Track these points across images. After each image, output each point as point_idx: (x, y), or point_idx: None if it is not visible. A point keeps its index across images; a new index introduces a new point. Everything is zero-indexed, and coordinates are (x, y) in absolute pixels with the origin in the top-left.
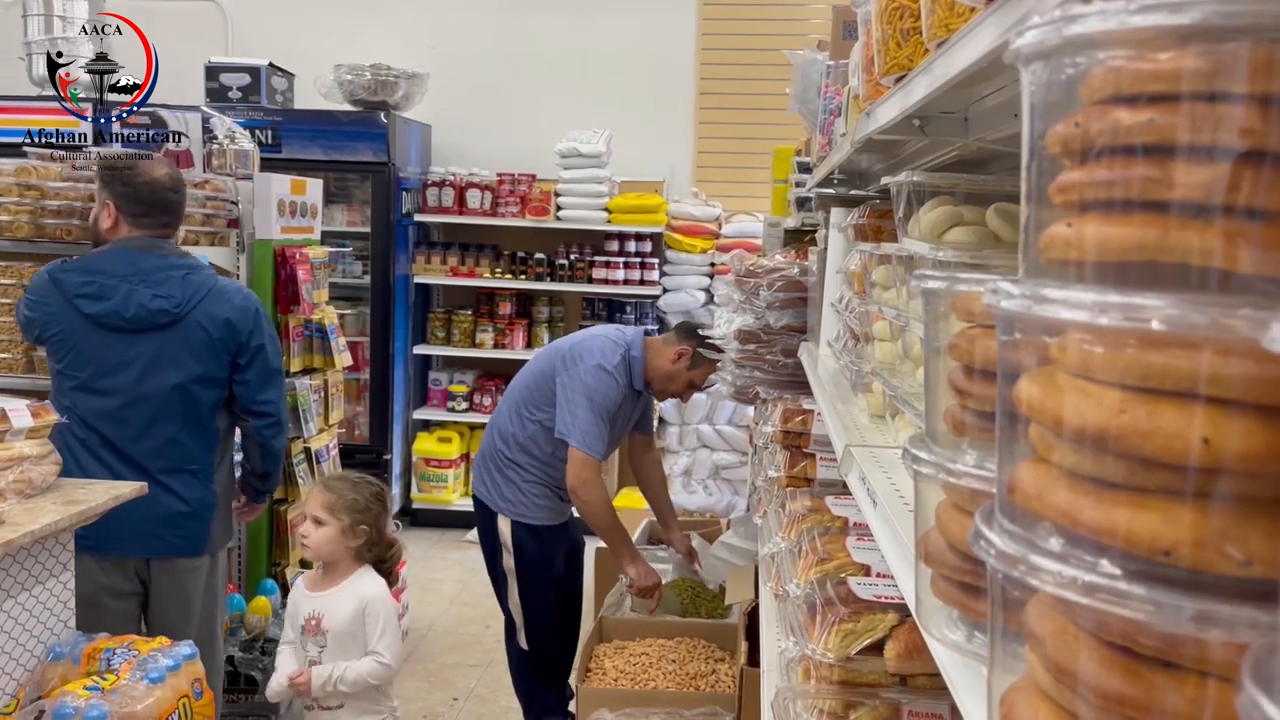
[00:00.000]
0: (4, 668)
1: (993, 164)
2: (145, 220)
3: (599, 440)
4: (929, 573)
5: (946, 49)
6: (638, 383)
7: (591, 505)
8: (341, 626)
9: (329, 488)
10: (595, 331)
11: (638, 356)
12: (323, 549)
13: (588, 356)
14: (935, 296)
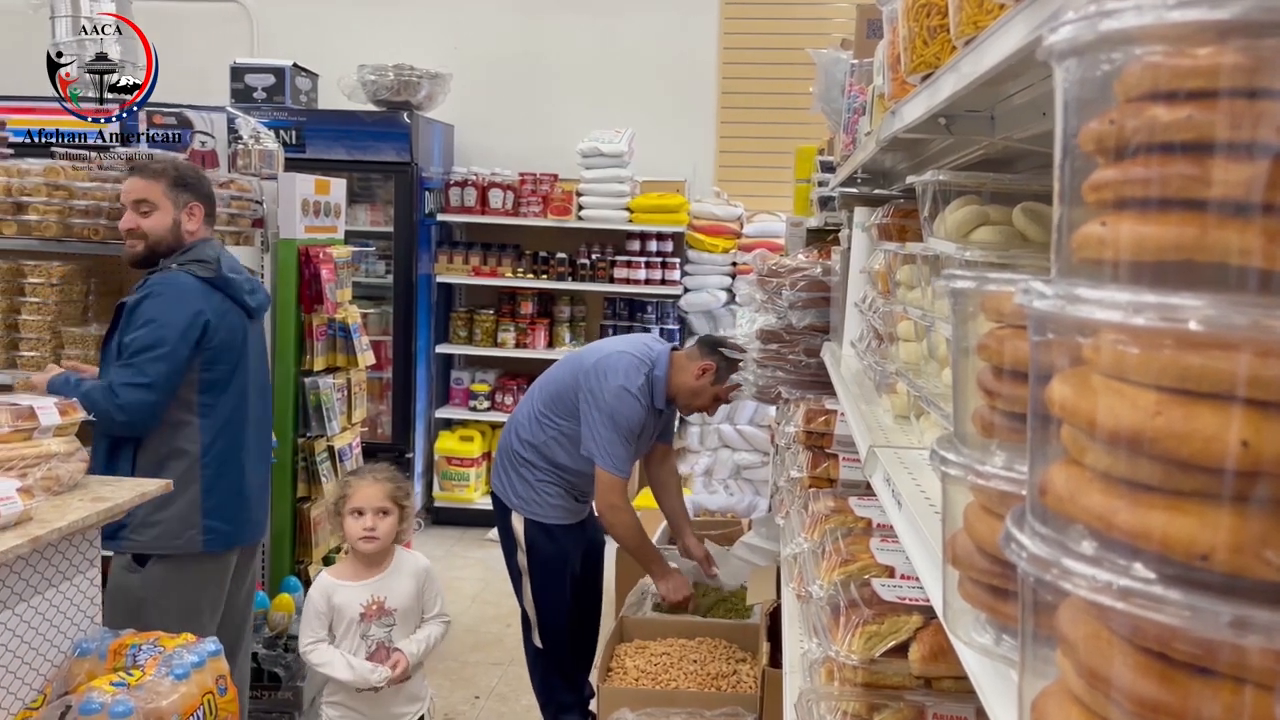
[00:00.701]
0: (31, 663)
1: (1018, 163)
2: (211, 220)
3: (624, 461)
4: (956, 575)
5: (975, 46)
6: (660, 401)
7: (619, 526)
8: (407, 603)
9: (382, 480)
10: (619, 345)
11: (661, 376)
12: (389, 538)
13: (611, 376)
14: (964, 296)
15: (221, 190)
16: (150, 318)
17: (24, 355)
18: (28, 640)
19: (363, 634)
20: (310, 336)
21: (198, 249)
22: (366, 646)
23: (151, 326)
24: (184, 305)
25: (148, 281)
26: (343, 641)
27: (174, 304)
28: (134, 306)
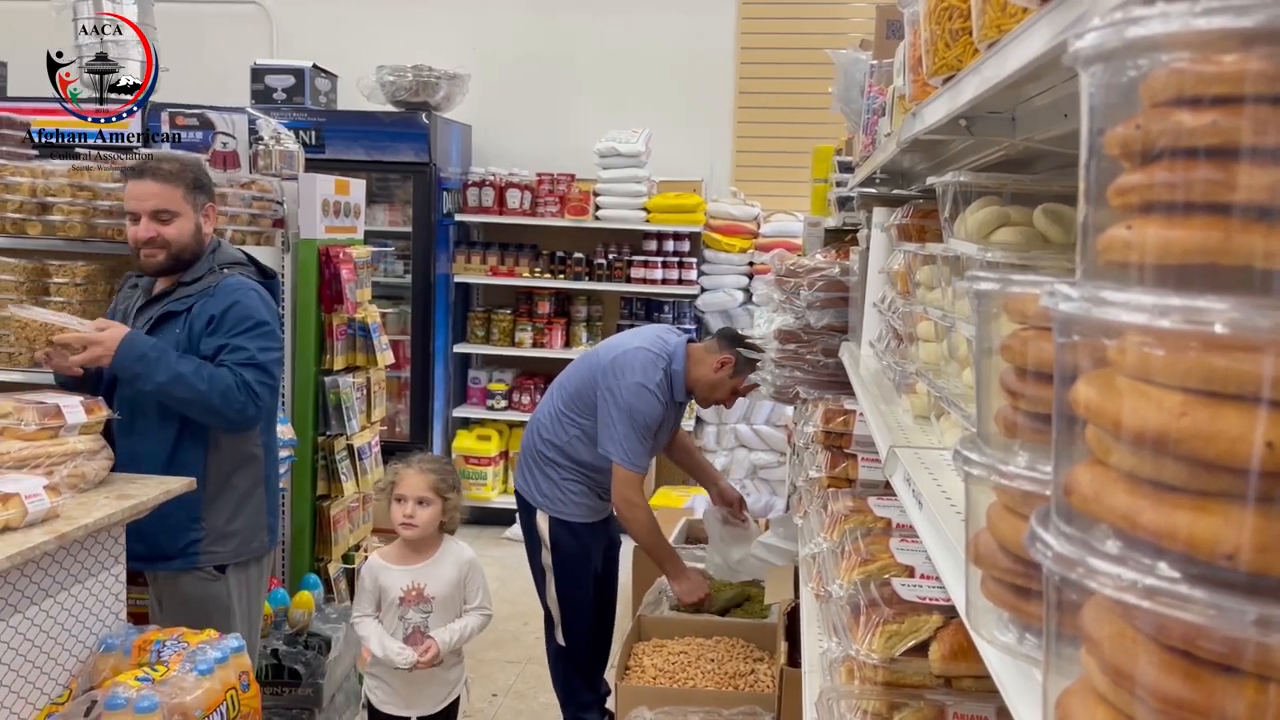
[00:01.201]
0: (57, 658)
1: (1037, 164)
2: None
3: (641, 456)
4: (979, 574)
5: (998, 50)
6: (680, 395)
7: (635, 523)
8: (447, 592)
9: (428, 470)
10: (637, 338)
11: (679, 370)
12: (429, 528)
13: (629, 373)
14: (987, 298)
15: (243, 190)
16: (260, 319)
17: None
18: (54, 636)
19: (400, 616)
20: (330, 336)
21: (223, 251)
22: (403, 629)
23: (267, 329)
24: (270, 308)
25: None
26: (384, 620)
27: (266, 307)
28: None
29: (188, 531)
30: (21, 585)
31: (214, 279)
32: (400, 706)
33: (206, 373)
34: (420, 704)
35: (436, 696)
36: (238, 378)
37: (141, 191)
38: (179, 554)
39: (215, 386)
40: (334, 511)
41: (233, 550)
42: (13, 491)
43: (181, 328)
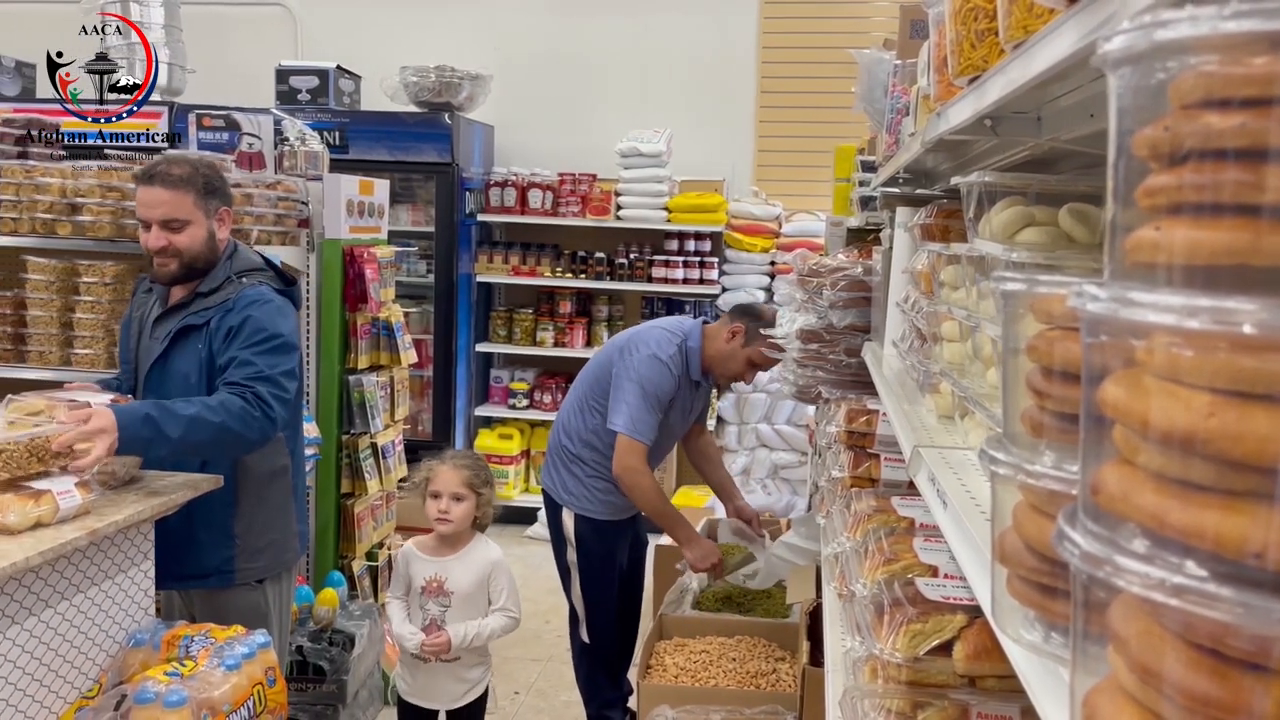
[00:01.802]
0: (87, 653)
1: (1061, 163)
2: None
3: (647, 428)
4: (1005, 573)
5: (1024, 50)
6: (695, 373)
7: (638, 490)
8: (467, 589)
9: (461, 466)
10: (654, 323)
11: (694, 346)
12: (463, 523)
13: (643, 347)
14: (1014, 298)
15: (268, 191)
16: (273, 333)
17: (78, 353)
18: (84, 630)
19: (421, 605)
20: (354, 335)
21: (241, 256)
22: (422, 618)
23: (279, 342)
24: (288, 319)
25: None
26: (409, 607)
27: (283, 318)
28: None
29: (222, 549)
30: (53, 580)
31: (232, 290)
32: (418, 696)
33: (215, 402)
34: (436, 697)
35: (454, 693)
36: (246, 394)
37: (151, 199)
38: (215, 572)
39: (230, 413)
40: (358, 509)
41: (266, 564)
42: (45, 488)
43: (202, 343)
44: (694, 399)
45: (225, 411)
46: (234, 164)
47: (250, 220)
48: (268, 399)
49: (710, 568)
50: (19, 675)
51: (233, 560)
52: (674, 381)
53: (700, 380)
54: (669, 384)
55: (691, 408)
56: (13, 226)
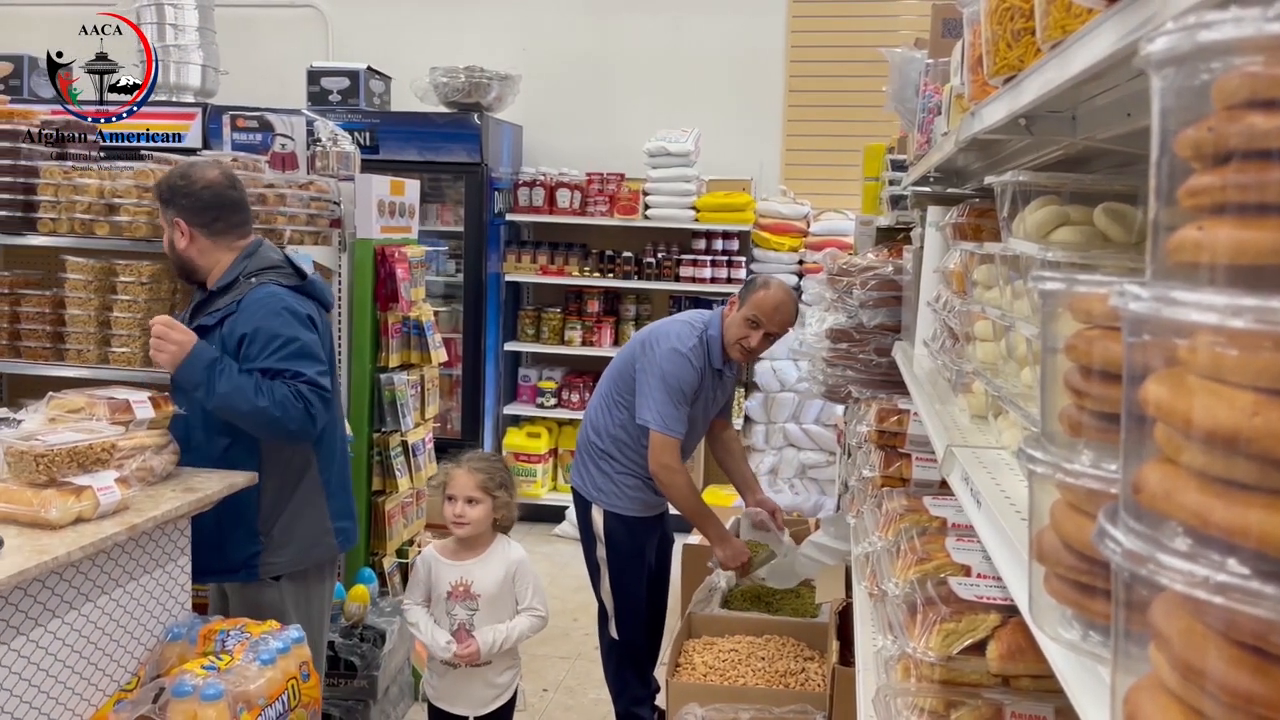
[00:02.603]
0: (126, 646)
1: (1095, 162)
2: (219, 225)
3: (676, 422)
4: (1042, 571)
5: (1061, 50)
6: (717, 361)
7: (673, 488)
8: (493, 591)
9: (476, 470)
10: (676, 316)
11: (714, 335)
12: (480, 525)
13: (664, 341)
14: (1053, 298)
15: (301, 191)
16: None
17: (115, 351)
18: (123, 624)
19: (448, 611)
20: (385, 334)
21: (259, 255)
22: (450, 624)
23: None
24: (298, 317)
25: (248, 299)
26: (434, 614)
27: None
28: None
29: (248, 545)
30: (93, 575)
31: (240, 290)
32: (447, 702)
33: (266, 385)
34: (465, 703)
35: (484, 698)
36: (292, 389)
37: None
38: (242, 566)
39: (274, 399)
40: (388, 507)
41: (289, 560)
42: (86, 484)
43: (215, 343)
44: (717, 389)
45: (271, 395)
46: (267, 164)
47: (283, 220)
48: (310, 399)
49: (739, 567)
50: (59, 668)
51: (258, 555)
52: (696, 374)
53: (722, 369)
54: (691, 376)
55: (715, 398)
56: (51, 227)
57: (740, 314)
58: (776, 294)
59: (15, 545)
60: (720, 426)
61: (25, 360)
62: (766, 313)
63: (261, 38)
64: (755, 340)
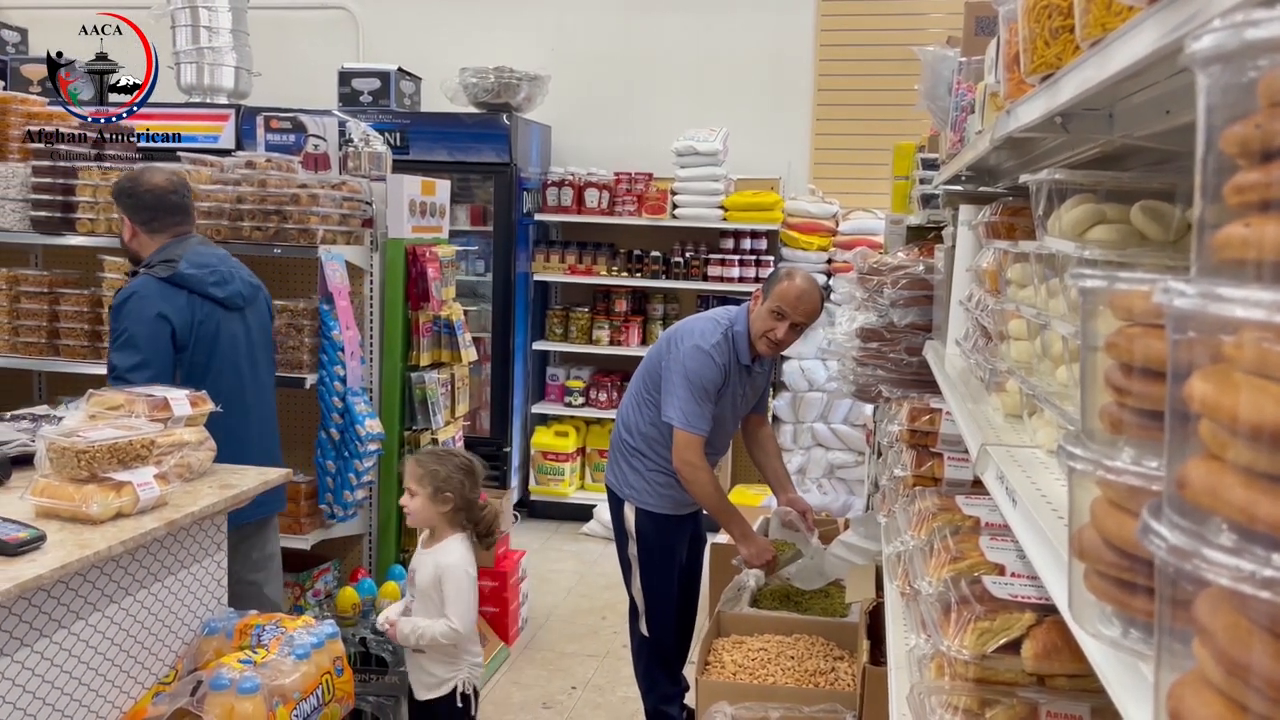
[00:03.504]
0: (164, 640)
1: (1129, 159)
2: (155, 225)
3: (699, 419)
4: (1082, 568)
5: (1101, 48)
6: (744, 356)
7: (696, 485)
8: (424, 586)
9: (418, 462)
10: (704, 314)
11: (740, 331)
12: (419, 516)
13: (688, 338)
14: (1093, 295)
15: (334, 191)
16: (120, 329)
17: None
18: (161, 618)
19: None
20: (416, 333)
21: (168, 249)
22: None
23: (125, 337)
24: (143, 311)
25: (121, 291)
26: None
27: (134, 312)
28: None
29: None
30: (133, 569)
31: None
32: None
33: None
34: (414, 681)
35: (423, 682)
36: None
37: None
38: None
39: None
40: None
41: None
42: (125, 480)
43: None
44: (746, 386)
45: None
46: (300, 165)
47: (316, 220)
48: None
49: (764, 565)
50: (99, 660)
51: None
52: (719, 370)
53: (751, 365)
54: (714, 373)
55: (744, 395)
56: (90, 227)
57: (765, 306)
58: (800, 284)
59: (57, 539)
60: (756, 423)
61: (64, 358)
62: (790, 303)
63: (293, 39)
64: (782, 332)
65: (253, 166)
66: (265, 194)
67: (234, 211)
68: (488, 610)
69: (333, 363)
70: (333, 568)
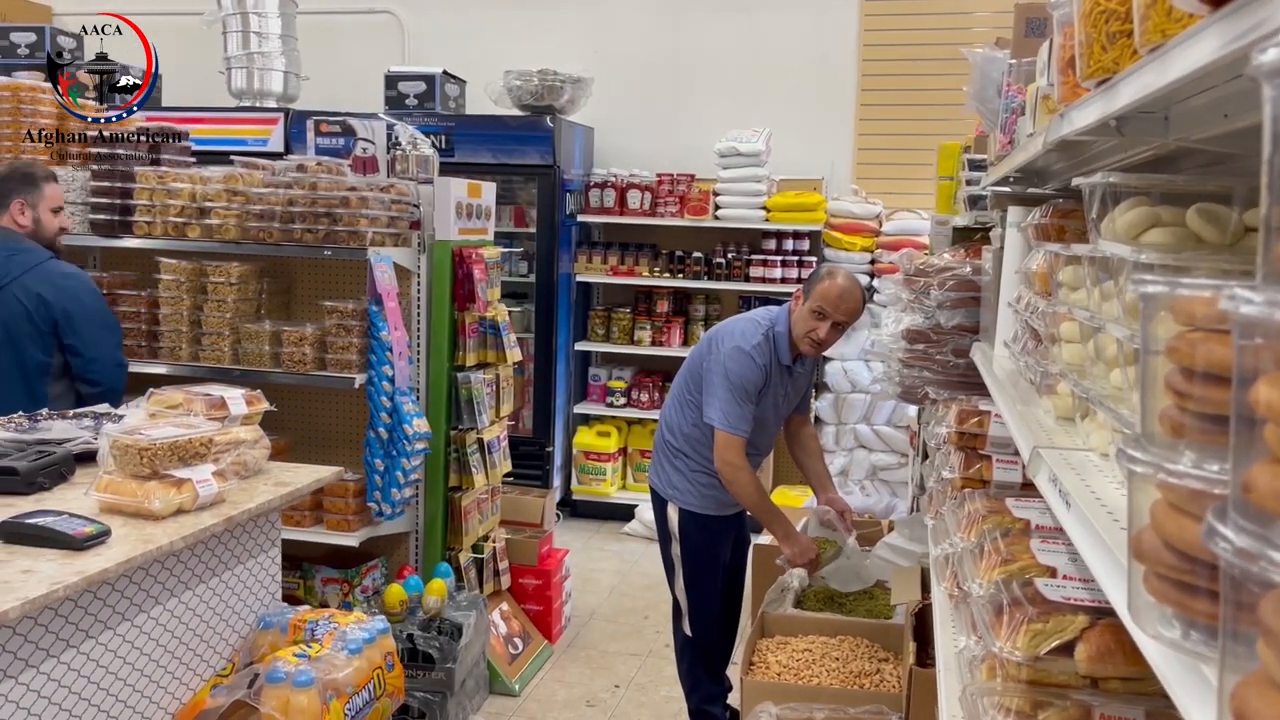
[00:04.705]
0: (221, 633)
1: (1179, 161)
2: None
3: (740, 420)
4: (1142, 570)
5: (1160, 54)
6: (785, 357)
7: (737, 485)
8: None
9: None
10: (745, 315)
11: (781, 331)
12: None
13: (728, 340)
14: (1154, 300)
15: (382, 194)
16: None
17: (205, 350)
18: (219, 612)
19: None
20: (463, 333)
21: None
22: None
23: None
24: None
25: None
26: None
27: None
28: None
29: None
30: (192, 564)
31: None
32: None
33: None
34: None
35: None
36: None
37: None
38: None
39: None
40: (465, 503)
41: None
42: (185, 476)
43: None
44: (788, 386)
45: None
46: (349, 168)
47: (365, 223)
48: None
49: (807, 564)
50: (160, 652)
51: None
52: (759, 371)
53: (791, 366)
54: (754, 374)
55: (786, 395)
56: (147, 230)
57: (806, 306)
58: (842, 282)
59: (122, 534)
60: (798, 423)
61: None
62: (832, 302)
63: (340, 43)
64: (824, 331)
65: (303, 170)
66: (316, 197)
67: (285, 214)
68: (531, 608)
69: (381, 363)
70: (380, 565)
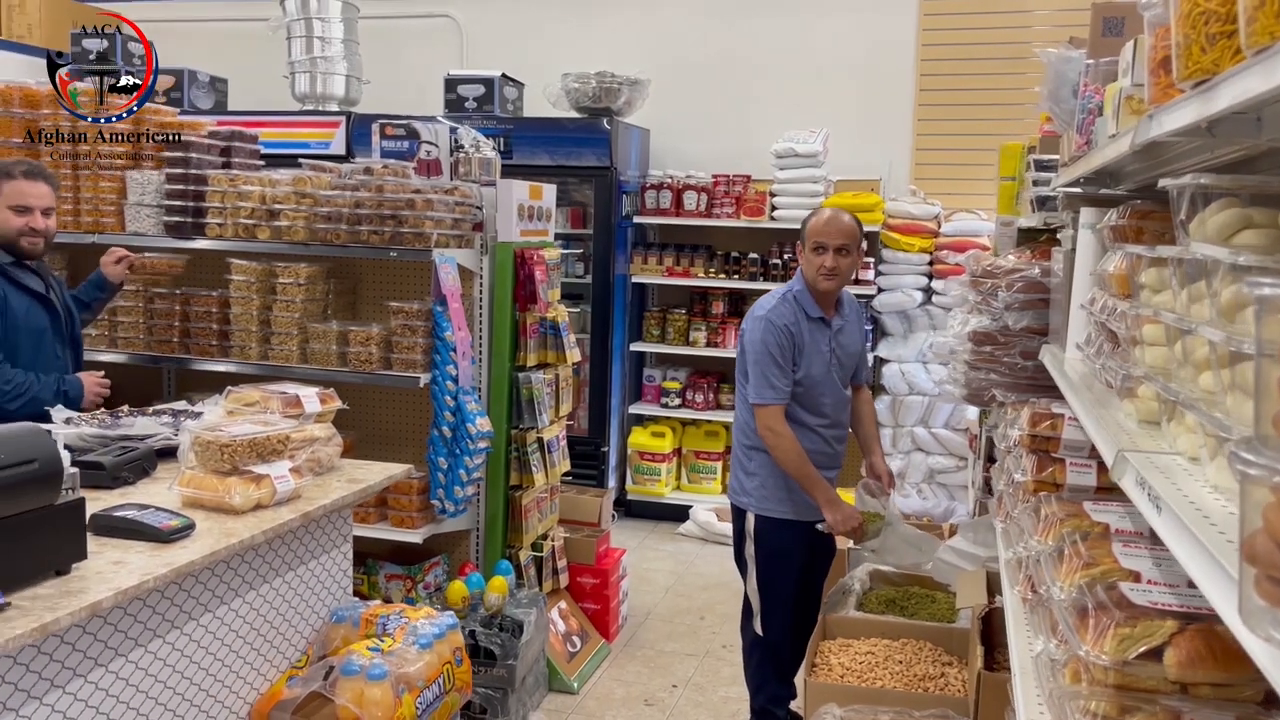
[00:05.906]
0: (297, 626)
1: (1259, 161)
2: None
3: (772, 387)
4: (1253, 573)
5: (1268, 56)
6: (813, 309)
7: (779, 450)
8: None
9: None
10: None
11: (800, 289)
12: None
13: (750, 317)
14: (1269, 303)
15: (446, 196)
16: None
17: (274, 349)
18: (294, 605)
19: None
20: (524, 334)
21: None
22: None
23: None
24: None
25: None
26: None
27: None
28: None
29: None
30: (270, 558)
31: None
32: None
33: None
34: None
35: None
36: None
37: (40, 192)
38: None
39: None
40: (525, 501)
41: None
42: (264, 473)
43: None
44: (831, 341)
45: None
46: (414, 170)
47: (430, 224)
48: None
49: (850, 531)
50: (239, 643)
51: None
52: (781, 332)
53: (827, 318)
54: (776, 335)
55: (833, 352)
56: (218, 231)
57: (805, 251)
58: (824, 212)
59: (205, 528)
60: (855, 391)
61: (195, 356)
62: (820, 230)
63: (400, 47)
64: (829, 260)
65: (370, 173)
66: (382, 199)
67: (352, 216)
68: (589, 607)
69: (445, 363)
70: (442, 561)
